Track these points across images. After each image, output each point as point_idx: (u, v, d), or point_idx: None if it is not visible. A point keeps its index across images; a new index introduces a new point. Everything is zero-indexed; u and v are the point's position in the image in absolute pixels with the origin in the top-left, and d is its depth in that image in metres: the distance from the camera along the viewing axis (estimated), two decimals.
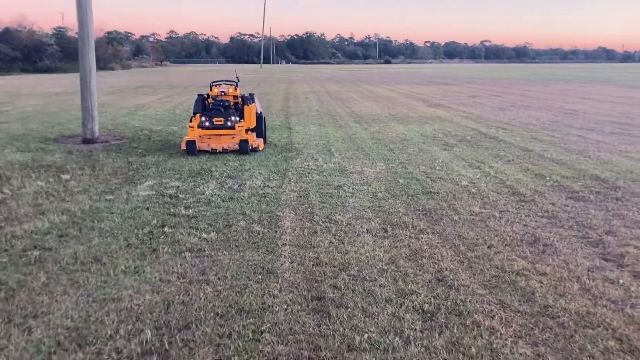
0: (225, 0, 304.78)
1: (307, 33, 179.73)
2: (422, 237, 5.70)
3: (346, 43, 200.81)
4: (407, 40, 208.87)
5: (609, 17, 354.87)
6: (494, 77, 52.74)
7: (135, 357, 3.44)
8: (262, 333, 3.74)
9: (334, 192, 7.59)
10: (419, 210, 6.71)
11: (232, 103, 10.96)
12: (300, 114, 18.18)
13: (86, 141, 12.13)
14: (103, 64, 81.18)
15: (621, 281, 4.62)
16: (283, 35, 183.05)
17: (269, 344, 3.60)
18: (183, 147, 10.37)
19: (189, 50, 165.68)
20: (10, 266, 4.96)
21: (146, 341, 3.63)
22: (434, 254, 5.23)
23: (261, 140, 10.95)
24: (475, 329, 3.79)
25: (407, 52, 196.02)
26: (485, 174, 8.63)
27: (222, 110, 10.62)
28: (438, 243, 5.53)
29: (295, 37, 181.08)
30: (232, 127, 10.34)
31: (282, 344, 3.60)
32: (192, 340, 3.64)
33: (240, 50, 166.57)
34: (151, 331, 3.75)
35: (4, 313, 4.02)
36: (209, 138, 10.38)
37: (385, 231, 5.91)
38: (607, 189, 7.71)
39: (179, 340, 3.64)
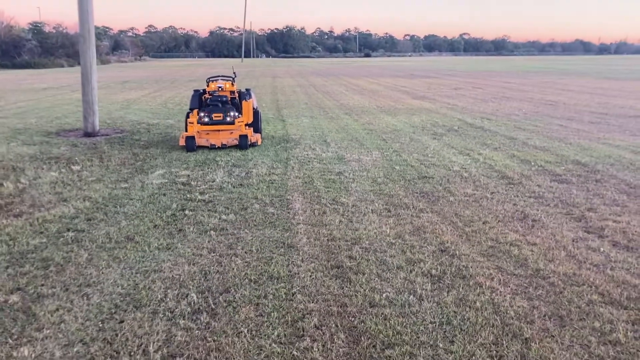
0: None
1: (287, 27, 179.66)
2: (422, 216, 6.28)
3: (326, 37, 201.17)
4: (386, 33, 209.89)
5: (585, 10, 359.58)
6: (474, 69, 53.62)
7: (187, 315, 3.97)
8: (293, 294, 4.28)
9: (335, 178, 8.13)
10: (417, 192, 7.29)
11: (229, 98, 10.99)
12: (290, 106, 18.68)
13: (87, 134, 12.50)
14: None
15: (602, 249, 5.24)
16: (263, 29, 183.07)
17: (301, 302, 4.15)
18: (182, 143, 10.40)
19: (168, 44, 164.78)
20: (51, 245, 5.44)
21: (194, 302, 4.16)
22: (435, 229, 5.81)
23: (259, 135, 10.99)
24: (478, 288, 4.38)
25: (387, 46, 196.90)
26: (475, 160, 9.24)
27: (220, 105, 10.61)
28: (438, 220, 6.11)
29: (276, 30, 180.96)
30: (232, 123, 10.37)
31: (312, 302, 4.15)
32: (234, 301, 4.17)
33: (220, 45, 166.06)
34: (196, 295, 4.28)
35: (60, 283, 4.52)
36: (207, 134, 10.39)
37: (389, 211, 6.48)
38: (588, 172, 8.36)
39: (222, 300, 4.18)
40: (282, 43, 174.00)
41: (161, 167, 8.98)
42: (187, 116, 10.80)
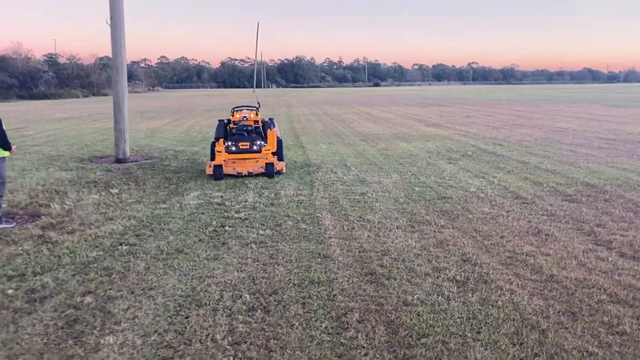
0: (216, 26, 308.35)
1: (297, 57, 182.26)
2: (444, 231, 6.84)
3: (335, 67, 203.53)
4: (395, 63, 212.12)
5: (593, 38, 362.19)
6: (484, 98, 54.38)
7: (243, 312, 4.54)
8: (334, 296, 4.84)
9: (359, 198, 8.72)
10: (437, 211, 7.86)
11: (254, 128, 11.29)
12: (308, 134, 19.36)
13: (119, 160, 13.17)
14: (97, 90, 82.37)
15: (610, 259, 5.77)
16: (273, 60, 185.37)
17: (342, 302, 4.71)
18: (209, 171, 10.65)
19: (181, 75, 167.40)
20: (109, 257, 6.04)
21: (247, 302, 4.73)
22: (457, 242, 6.37)
23: (283, 163, 11.19)
24: (499, 290, 4.92)
25: (396, 75, 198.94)
26: (490, 183, 9.80)
27: (246, 134, 10.90)
28: (459, 235, 6.67)
29: (286, 61, 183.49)
30: (259, 151, 10.59)
31: (352, 301, 4.71)
32: (283, 300, 4.74)
33: (232, 75, 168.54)
34: (249, 295, 4.86)
35: (125, 287, 5.11)
36: (234, 162, 10.61)
37: (413, 227, 7.04)
38: (597, 193, 8.90)
39: (272, 300, 4.75)
40: (292, 73, 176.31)
41: (195, 189, 9.59)
42: (213, 145, 11.13)
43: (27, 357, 3.82)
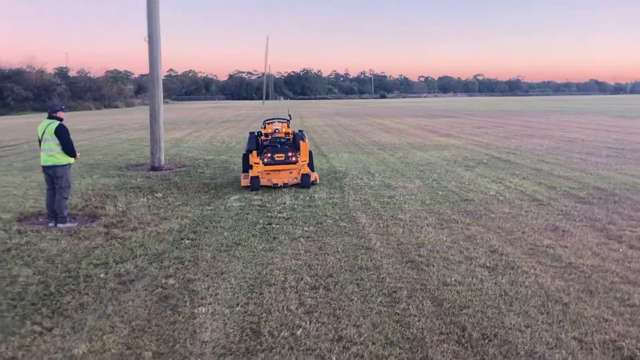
0: (223, 39, 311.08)
1: (304, 70, 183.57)
2: (471, 228, 7.64)
3: (342, 79, 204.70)
4: (401, 75, 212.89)
5: (600, 50, 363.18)
6: (492, 109, 55.19)
7: (308, 289, 5.35)
8: (383, 278, 5.64)
9: (388, 200, 9.53)
10: (462, 211, 8.65)
11: (286, 139, 11.56)
12: (327, 144, 20.20)
13: (154, 168, 14.01)
14: (108, 102, 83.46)
15: (620, 250, 6.55)
16: (280, 72, 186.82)
17: (391, 282, 5.51)
18: (244, 183, 10.87)
19: (189, 87, 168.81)
20: (176, 249, 6.86)
21: (309, 282, 5.53)
22: (483, 237, 7.16)
23: (316, 174, 11.45)
24: (525, 274, 5.71)
25: (402, 87, 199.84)
26: (507, 187, 10.60)
27: (279, 146, 11.15)
28: (484, 231, 7.47)
29: (293, 73, 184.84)
30: (295, 162, 10.83)
31: (399, 282, 5.52)
32: (339, 281, 5.55)
33: (239, 87, 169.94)
34: (309, 277, 5.67)
35: (200, 272, 5.92)
36: (268, 173, 10.80)
37: (442, 225, 7.84)
38: (607, 195, 9.68)
39: (330, 281, 5.56)
40: (300, 85, 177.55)
41: (234, 194, 10.41)
42: (246, 157, 11.43)
43: (138, 322, 4.63)
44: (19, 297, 5.24)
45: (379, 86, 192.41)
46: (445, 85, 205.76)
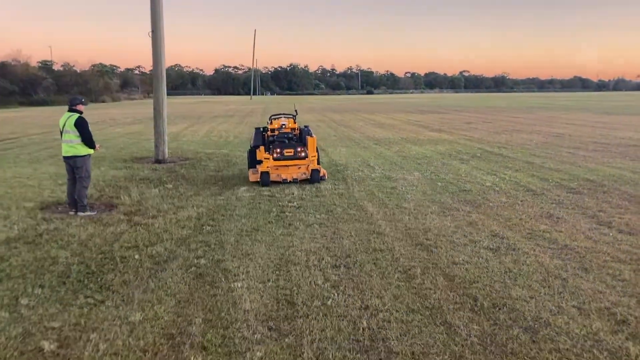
0: (209, 34, 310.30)
1: (291, 65, 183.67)
2: (471, 215, 8.20)
3: (328, 74, 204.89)
4: (387, 71, 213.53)
5: (584, 47, 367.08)
6: (479, 105, 56.03)
7: (329, 268, 5.87)
8: (397, 258, 6.18)
9: (391, 191, 10.07)
10: (461, 200, 9.22)
11: (293, 135, 11.61)
12: (323, 139, 20.69)
13: (158, 161, 14.44)
14: (95, 97, 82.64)
15: (611, 234, 7.14)
16: (267, 67, 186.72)
17: (404, 261, 6.05)
18: (253, 178, 10.96)
19: (175, 82, 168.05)
20: (199, 234, 7.34)
21: (330, 262, 6.06)
22: (484, 223, 7.73)
23: (324, 170, 11.50)
24: (525, 254, 6.28)
25: (389, 83, 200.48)
26: (502, 179, 11.20)
27: (287, 141, 11.29)
28: (484, 218, 8.04)
29: (280, 68, 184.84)
30: (304, 158, 10.92)
31: (412, 262, 6.05)
32: (357, 261, 6.08)
33: (226, 82, 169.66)
34: (329, 258, 6.19)
35: (227, 254, 6.42)
36: (277, 169, 10.87)
37: (444, 212, 8.40)
38: (596, 186, 10.30)
39: (349, 261, 6.08)
40: (286, 80, 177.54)
41: (242, 185, 10.89)
42: (252, 153, 11.43)
43: (181, 295, 5.14)
44: (64, 275, 5.71)
45: (366, 82, 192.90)
46: (432, 81, 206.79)
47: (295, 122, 12.22)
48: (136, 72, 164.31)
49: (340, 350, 4.01)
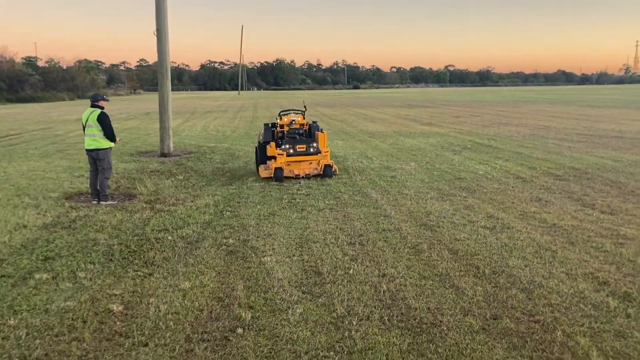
0: (194, 29, 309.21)
1: (277, 60, 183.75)
2: (468, 200, 8.97)
3: (315, 69, 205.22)
4: (373, 66, 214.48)
5: (567, 41, 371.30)
6: (466, 100, 56.99)
7: (346, 244, 6.60)
8: (405, 237, 6.93)
9: (391, 179, 10.82)
10: (457, 187, 9.99)
11: (303, 131, 11.67)
12: None
13: (164, 155, 15.03)
14: (81, 93, 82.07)
15: (594, 214, 7.94)
16: (253, 62, 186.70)
17: (412, 239, 6.79)
18: (265, 174, 10.99)
19: None
20: (220, 219, 8.03)
21: (345, 240, 6.79)
22: (480, 206, 8.50)
23: (335, 165, 11.44)
24: (518, 232, 7.05)
25: (375, 78, 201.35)
26: (493, 168, 11.99)
27: (298, 137, 11.35)
28: (479, 202, 8.80)
29: (266, 64, 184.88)
30: (317, 153, 11.02)
31: (419, 239, 6.80)
32: (369, 239, 6.81)
33: (212, 78, 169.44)
34: (344, 236, 6.92)
35: (251, 235, 7.12)
36: (288, 164, 10.93)
37: (442, 197, 9.16)
38: (581, 174, 11.12)
39: (362, 239, 6.82)
40: (273, 75, 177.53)
41: (249, 176, 11.56)
42: (262, 148, 11.44)
43: (220, 268, 5.84)
44: (109, 254, 6.38)
45: (352, 77, 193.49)
46: (417, 76, 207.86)
47: (304, 118, 12.33)
48: (121, 67, 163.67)
49: (367, 307, 4.74)
